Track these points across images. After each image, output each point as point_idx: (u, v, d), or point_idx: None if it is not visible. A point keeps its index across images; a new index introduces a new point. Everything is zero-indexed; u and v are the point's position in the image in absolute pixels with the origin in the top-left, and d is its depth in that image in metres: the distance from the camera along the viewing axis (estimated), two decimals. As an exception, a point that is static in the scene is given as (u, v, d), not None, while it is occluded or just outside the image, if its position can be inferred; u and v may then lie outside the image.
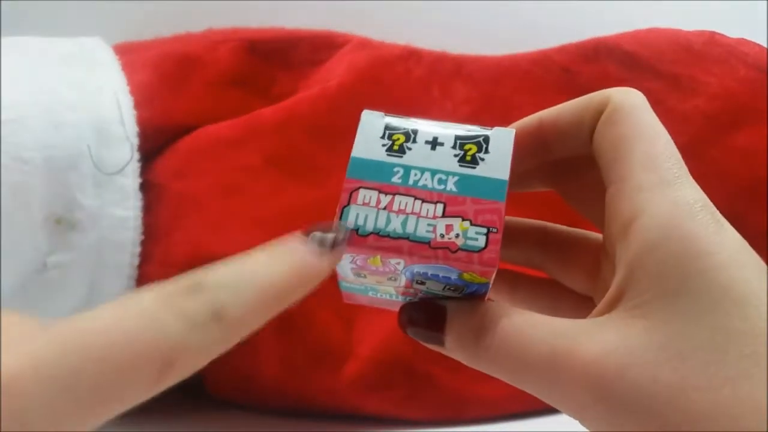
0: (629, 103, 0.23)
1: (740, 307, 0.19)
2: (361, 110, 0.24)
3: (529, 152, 0.25)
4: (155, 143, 0.47)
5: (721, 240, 0.20)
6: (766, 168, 0.46)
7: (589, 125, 0.23)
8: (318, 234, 0.21)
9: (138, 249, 0.43)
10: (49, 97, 0.43)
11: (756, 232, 0.46)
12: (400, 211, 0.22)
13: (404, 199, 0.22)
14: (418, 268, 0.22)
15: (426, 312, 0.23)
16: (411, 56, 0.51)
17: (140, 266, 0.44)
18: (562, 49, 0.51)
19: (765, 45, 0.49)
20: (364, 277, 0.23)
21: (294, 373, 0.46)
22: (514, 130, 0.23)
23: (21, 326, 0.15)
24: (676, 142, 0.22)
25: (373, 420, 0.46)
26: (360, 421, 0.46)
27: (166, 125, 0.48)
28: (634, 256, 0.20)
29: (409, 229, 0.21)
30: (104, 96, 0.45)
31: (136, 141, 0.44)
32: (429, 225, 0.21)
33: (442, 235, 0.21)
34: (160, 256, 0.44)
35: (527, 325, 0.21)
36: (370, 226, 0.21)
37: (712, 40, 0.49)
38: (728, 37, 0.49)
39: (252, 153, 0.48)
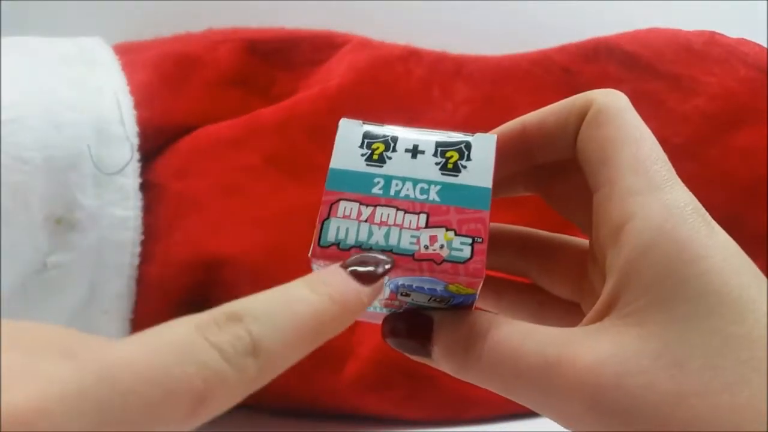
0: (613, 104, 0.22)
1: (736, 312, 0.18)
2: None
3: (513, 157, 0.25)
4: (155, 143, 0.47)
5: (714, 244, 0.20)
6: (766, 168, 0.46)
7: (573, 128, 0.23)
8: (358, 265, 0.20)
9: (138, 249, 0.43)
10: (49, 97, 0.43)
11: (756, 232, 0.46)
12: (382, 223, 0.21)
13: (386, 211, 0.21)
14: (403, 280, 0.21)
15: (411, 323, 0.23)
16: (411, 56, 0.51)
17: (140, 266, 0.44)
18: (562, 49, 0.51)
19: (765, 45, 0.49)
20: None
21: (295, 373, 0.45)
22: (495, 136, 0.23)
23: (54, 353, 0.15)
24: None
25: (374, 420, 0.46)
26: (360, 421, 0.46)
27: (166, 125, 0.48)
28: (625, 261, 0.20)
29: (392, 241, 0.21)
30: (104, 96, 0.45)
31: (136, 141, 0.44)
32: (412, 236, 0.21)
33: (426, 247, 0.21)
34: (160, 256, 0.44)
35: (518, 335, 0.21)
36: (351, 240, 0.21)
37: (712, 40, 0.49)
38: (728, 37, 0.49)
39: (252, 153, 0.48)
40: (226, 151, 0.48)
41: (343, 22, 0.55)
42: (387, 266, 0.20)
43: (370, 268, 0.20)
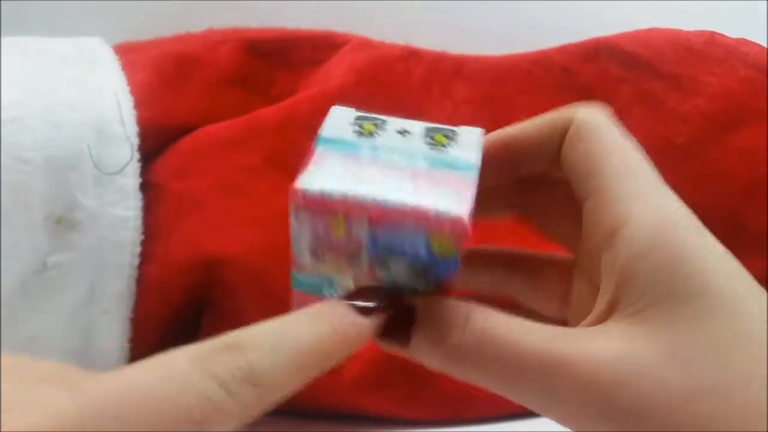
0: (593, 120, 0.23)
1: (734, 312, 0.19)
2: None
3: (496, 167, 0.25)
4: (155, 143, 0.47)
5: (706, 246, 0.20)
6: (766, 168, 0.46)
7: (557, 142, 0.24)
8: (359, 297, 0.21)
9: (138, 249, 0.43)
10: (49, 97, 0.43)
11: (756, 232, 0.46)
12: (368, 178, 0.21)
13: (373, 169, 0.22)
14: (384, 236, 0.21)
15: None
16: (411, 56, 0.51)
17: (140, 266, 0.44)
18: (563, 49, 0.51)
19: (765, 45, 0.49)
20: (324, 261, 0.22)
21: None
22: (481, 129, 0.23)
23: (53, 384, 0.15)
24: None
25: (373, 420, 0.46)
26: (360, 421, 0.46)
27: (166, 125, 0.48)
28: (623, 264, 0.20)
29: (378, 192, 0.21)
30: (104, 96, 0.45)
31: (136, 141, 0.44)
32: (398, 190, 0.21)
33: (413, 202, 0.21)
34: (160, 256, 0.44)
35: (517, 329, 0.20)
36: (337, 190, 0.21)
37: (712, 40, 0.49)
38: (728, 37, 0.49)
39: (252, 153, 0.48)
40: (226, 151, 0.48)
41: (343, 22, 0.55)
42: (386, 298, 0.21)
43: (372, 300, 0.21)
